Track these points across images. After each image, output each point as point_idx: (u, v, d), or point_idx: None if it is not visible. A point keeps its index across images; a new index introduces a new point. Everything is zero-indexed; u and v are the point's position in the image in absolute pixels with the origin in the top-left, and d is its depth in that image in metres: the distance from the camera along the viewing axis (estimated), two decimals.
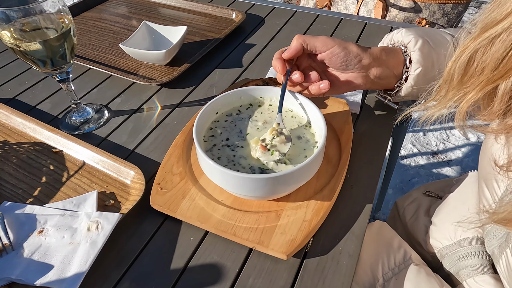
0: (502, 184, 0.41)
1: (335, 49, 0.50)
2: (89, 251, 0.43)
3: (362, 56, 0.51)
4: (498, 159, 0.38)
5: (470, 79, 0.35)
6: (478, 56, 0.34)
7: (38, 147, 0.60)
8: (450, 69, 0.37)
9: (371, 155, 0.57)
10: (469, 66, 0.35)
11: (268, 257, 0.45)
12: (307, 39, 0.51)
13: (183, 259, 0.45)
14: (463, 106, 0.36)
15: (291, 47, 0.51)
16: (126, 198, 0.51)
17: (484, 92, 0.34)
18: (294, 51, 0.50)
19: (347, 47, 0.50)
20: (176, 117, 0.66)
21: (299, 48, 0.50)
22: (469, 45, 0.34)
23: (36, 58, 0.53)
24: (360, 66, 0.51)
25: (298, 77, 0.50)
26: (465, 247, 0.48)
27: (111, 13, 1.01)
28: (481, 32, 0.33)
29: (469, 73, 0.35)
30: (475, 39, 0.34)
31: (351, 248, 0.45)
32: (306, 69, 0.54)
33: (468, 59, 0.35)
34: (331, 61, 0.51)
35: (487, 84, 0.34)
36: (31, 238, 0.46)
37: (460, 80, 0.36)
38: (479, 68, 0.34)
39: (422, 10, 1.01)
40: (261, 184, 0.42)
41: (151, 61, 0.77)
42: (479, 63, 0.34)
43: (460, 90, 0.37)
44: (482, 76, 0.34)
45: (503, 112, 0.34)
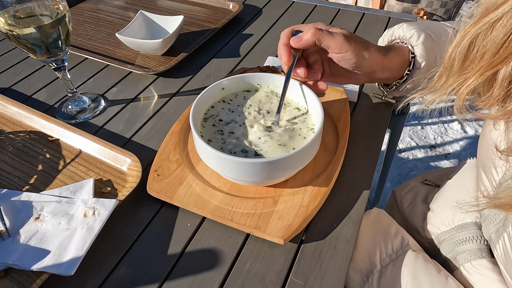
0: (500, 170, 0.41)
1: (348, 54, 0.47)
2: (86, 237, 0.43)
3: (374, 67, 0.50)
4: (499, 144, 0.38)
5: (471, 64, 0.35)
6: (479, 41, 0.34)
7: (34, 136, 0.59)
8: (450, 55, 0.37)
9: (369, 143, 0.57)
10: (469, 51, 0.35)
11: (265, 242, 0.45)
12: (322, 37, 0.47)
13: (180, 245, 0.45)
14: (463, 92, 0.36)
15: (303, 39, 0.47)
16: (123, 185, 0.51)
17: (484, 78, 0.34)
18: (304, 45, 0.48)
19: (361, 55, 0.48)
20: (173, 106, 0.66)
21: (310, 43, 0.47)
22: (470, 30, 0.34)
23: (30, 44, 0.52)
24: (365, 72, 0.50)
25: (302, 72, 0.49)
26: (463, 232, 0.48)
27: (108, 3, 1.00)
28: (482, 16, 0.33)
29: (470, 58, 0.35)
30: (475, 24, 0.34)
31: (348, 233, 0.45)
32: (311, 54, 0.52)
33: (468, 44, 0.35)
34: (339, 62, 0.49)
35: (487, 69, 0.34)
36: (27, 224, 0.45)
37: (460, 66, 0.36)
38: (480, 53, 0.34)
39: (420, 1, 1.00)
40: (258, 168, 0.42)
41: (148, 50, 0.76)
42: (480, 48, 0.34)
43: (460, 76, 0.36)
44: (483, 61, 0.34)
45: (502, 98, 0.34)
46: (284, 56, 0.48)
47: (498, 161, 0.41)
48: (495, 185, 0.41)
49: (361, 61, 0.48)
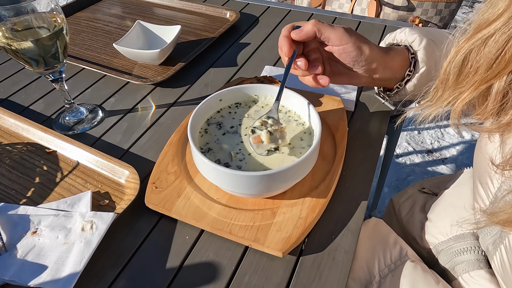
0: (496, 182, 0.41)
1: (348, 47, 0.48)
2: (84, 251, 0.42)
3: (373, 61, 0.50)
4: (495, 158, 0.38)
5: (465, 79, 0.36)
6: (472, 56, 0.34)
7: (31, 148, 0.59)
8: (445, 69, 0.37)
9: (366, 152, 0.57)
10: (463, 66, 0.35)
11: (264, 255, 0.44)
12: (323, 28, 0.47)
13: (178, 258, 0.45)
14: (458, 105, 0.37)
15: (303, 30, 0.47)
16: (121, 198, 0.51)
17: (478, 92, 0.35)
18: (305, 36, 0.47)
19: (361, 48, 0.48)
20: (170, 116, 0.66)
21: (310, 34, 0.47)
22: (463, 46, 0.35)
23: (28, 57, 0.52)
24: (366, 69, 0.50)
25: (302, 64, 0.48)
26: (461, 243, 0.48)
27: (105, 13, 1.00)
28: (474, 32, 0.33)
29: (464, 73, 0.36)
30: (468, 40, 0.34)
31: (347, 244, 0.45)
32: (311, 51, 0.52)
33: (462, 59, 0.35)
34: (340, 56, 0.49)
35: (481, 83, 0.34)
36: (24, 239, 0.45)
37: (455, 80, 0.37)
38: (473, 68, 0.34)
39: (416, 9, 1.01)
40: (256, 181, 0.42)
41: (145, 60, 0.76)
42: (473, 63, 0.34)
43: (455, 90, 0.37)
44: (476, 76, 0.34)
45: (496, 111, 0.34)
46: (284, 46, 0.47)
47: (494, 174, 0.41)
48: (491, 197, 0.42)
49: (361, 55, 0.48)
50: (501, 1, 0.31)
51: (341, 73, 0.52)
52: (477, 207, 0.44)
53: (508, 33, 0.30)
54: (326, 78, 0.50)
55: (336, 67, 0.52)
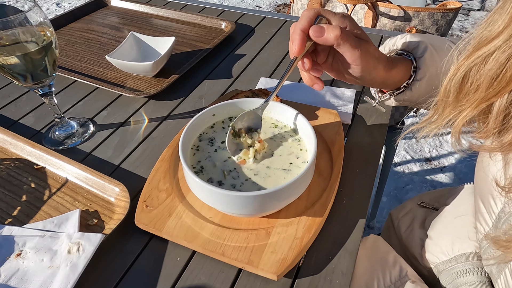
0: (499, 202, 0.40)
1: (356, 68, 0.47)
2: (69, 276, 0.41)
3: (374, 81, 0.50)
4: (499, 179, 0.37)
5: (465, 96, 0.35)
6: (472, 74, 0.33)
7: (19, 164, 0.57)
8: (445, 87, 0.36)
9: (364, 167, 0.56)
10: (463, 84, 0.35)
11: (258, 278, 0.43)
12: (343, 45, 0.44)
13: (169, 280, 0.43)
14: (459, 123, 0.36)
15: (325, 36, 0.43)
16: (110, 217, 0.49)
17: (479, 110, 0.34)
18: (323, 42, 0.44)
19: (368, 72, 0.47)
20: (163, 130, 0.64)
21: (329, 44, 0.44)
22: (463, 63, 0.34)
23: (15, 72, 0.51)
24: (364, 81, 0.51)
25: (307, 64, 0.46)
26: (463, 263, 0.46)
27: (99, 23, 0.99)
28: (474, 50, 0.33)
29: (464, 91, 0.35)
30: (468, 57, 0.33)
31: (344, 266, 0.44)
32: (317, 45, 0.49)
33: (462, 77, 0.34)
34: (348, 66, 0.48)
35: (481, 102, 0.33)
36: (8, 262, 0.43)
37: (455, 98, 0.36)
38: (474, 86, 0.33)
39: (412, 19, 1.01)
40: (249, 201, 0.41)
41: (139, 72, 0.75)
42: (474, 81, 0.33)
43: (455, 107, 0.36)
44: (477, 94, 0.33)
45: (498, 130, 0.33)
46: (296, 43, 0.43)
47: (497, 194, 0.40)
48: (494, 218, 0.40)
49: (365, 76, 0.49)
50: (500, 18, 0.30)
51: (339, 71, 0.51)
52: (480, 227, 0.42)
53: (509, 51, 0.29)
54: (321, 84, 0.48)
55: (338, 65, 0.50)
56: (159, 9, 1.03)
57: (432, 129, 0.39)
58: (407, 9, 0.99)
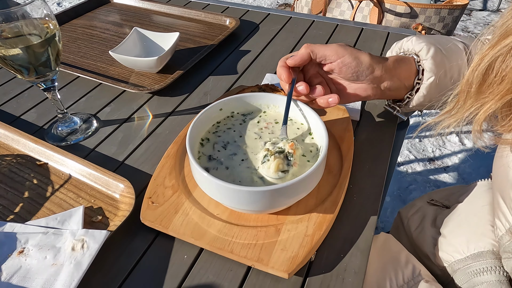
0: None
1: (346, 58, 0.47)
2: (73, 273, 0.39)
3: (375, 68, 0.48)
4: None
5: (489, 88, 0.33)
6: (498, 64, 0.32)
7: (21, 160, 0.56)
8: (468, 77, 0.35)
9: (373, 164, 0.55)
10: (487, 75, 0.33)
11: (268, 276, 0.41)
12: (316, 48, 0.47)
13: (176, 279, 0.42)
14: (481, 116, 0.34)
15: (297, 54, 0.48)
16: (115, 214, 0.48)
17: (503, 102, 0.33)
18: (300, 60, 0.47)
19: (359, 57, 0.47)
20: (168, 126, 0.63)
21: (305, 58, 0.48)
22: (488, 53, 0.32)
23: (18, 65, 0.50)
24: (371, 78, 0.48)
25: (303, 88, 0.47)
26: (480, 262, 0.45)
27: (102, 20, 0.98)
28: (500, 39, 0.31)
29: (488, 82, 0.33)
30: (493, 47, 0.32)
31: (356, 264, 0.42)
32: (313, 77, 0.51)
33: (486, 67, 0.33)
34: (341, 71, 0.48)
35: (507, 93, 0.32)
36: (10, 259, 0.42)
37: (478, 90, 0.34)
38: (499, 77, 0.32)
39: (418, 15, 1.00)
40: (259, 197, 0.40)
41: (142, 68, 0.74)
42: (499, 72, 0.32)
43: (478, 100, 0.35)
44: (502, 86, 0.32)
45: None
46: (283, 74, 0.47)
47: None
48: None
49: (361, 63, 0.47)
50: None
51: (348, 90, 0.51)
52: (499, 224, 0.41)
53: None
54: (335, 96, 0.48)
55: (341, 85, 0.50)
56: (162, 6, 1.02)
57: (451, 123, 0.37)
58: (413, 5, 0.98)
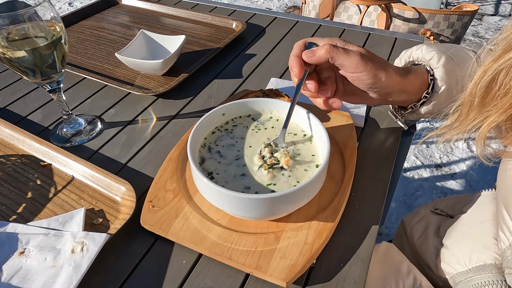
0: None
1: (363, 75, 0.45)
2: (72, 276, 0.39)
3: (390, 90, 0.47)
4: None
5: (492, 101, 0.33)
6: (501, 77, 0.32)
7: (25, 160, 0.57)
8: (471, 91, 0.34)
9: (377, 171, 0.54)
10: (491, 88, 0.33)
11: (267, 284, 0.41)
12: (337, 55, 0.44)
13: (174, 284, 0.42)
14: (484, 129, 0.34)
15: (316, 54, 0.45)
16: (116, 216, 0.48)
17: (507, 115, 0.32)
18: (316, 61, 0.45)
19: (377, 76, 0.45)
20: (171, 129, 0.63)
21: (322, 61, 0.45)
22: (491, 66, 0.32)
23: (24, 67, 0.50)
24: (381, 93, 0.48)
25: (312, 86, 0.46)
26: (482, 275, 0.44)
27: (109, 21, 0.99)
28: (504, 52, 0.31)
29: (491, 95, 0.33)
30: (497, 60, 0.31)
31: (357, 274, 0.42)
32: (324, 70, 0.49)
33: (490, 80, 0.32)
34: (354, 82, 0.47)
35: (510, 107, 0.31)
36: (11, 260, 0.42)
37: (481, 102, 0.34)
38: (502, 90, 0.32)
39: (427, 21, 0.99)
40: (259, 204, 0.39)
41: (148, 70, 0.74)
42: (502, 85, 0.32)
43: (481, 112, 0.34)
44: (506, 99, 0.32)
45: None
46: (295, 67, 0.45)
47: None
48: None
49: (377, 82, 0.46)
50: None
51: (354, 93, 0.50)
52: (502, 237, 0.40)
53: None
54: (339, 101, 0.47)
55: (349, 86, 0.49)
56: (169, 8, 1.02)
57: (454, 135, 0.37)
58: (422, 11, 0.97)
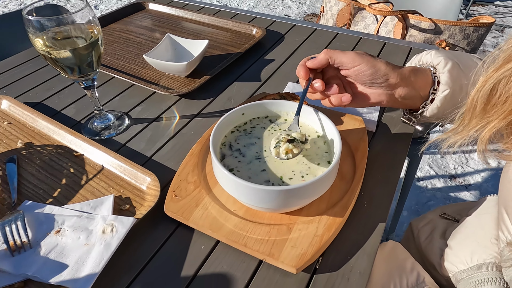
0: None
1: (362, 66, 0.51)
2: (103, 253, 0.44)
3: (390, 76, 0.51)
4: None
5: (493, 108, 0.36)
6: (501, 86, 0.34)
7: (60, 150, 0.62)
8: (473, 97, 0.37)
9: (386, 174, 0.57)
10: (491, 95, 0.35)
11: (278, 270, 0.44)
12: (334, 55, 0.52)
13: (193, 267, 0.45)
14: (485, 134, 0.36)
15: (317, 58, 0.53)
16: (141, 204, 0.52)
17: (507, 121, 0.35)
18: (318, 64, 0.53)
19: (375, 65, 0.51)
20: (193, 127, 0.68)
21: (323, 62, 0.52)
22: (492, 75, 0.35)
23: (65, 65, 0.55)
24: (386, 85, 0.52)
25: (319, 85, 0.52)
26: (482, 273, 0.47)
27: (137, 25, 1.05)
28: (504, 63, 0.33)
29: (492, 102, 0.36)
30: (498, 70, 0.34)
31: (362, 266, 0.45)
32: (331, 79, 0.56)
33: (491, 88, 0.35)
34: (357, 77, 0.52)
35: (510, 113, 0.34)
36: (48, 237, 0.47)
37: (482, 109, 0.37)
38: (502, 97, 0.34)
39: (443, 32, 1.01)
40: (273, 196, 0.43)
41: (172, 72, 0.79)
42: (502, 93, 0.34)
43: (482, 118, 0.37)
44: (506, 106, 0.34)
45: None
46: (301, 71, 0.53)
47: None
48: None
49: (378, 72, 0.51)
50: None
51: (363, 95, 0.54)
52: (502, 236, 0.43)
53: None
54: (348, 95, 0.52)
55: (356, 89, 0.54)
56: (193, 14, 1.07)
57: (457, 140, 0.39)
58: (437, 22, 0.99)
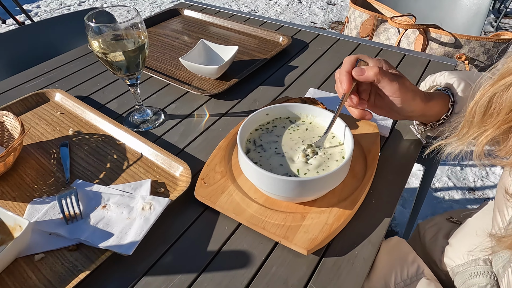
0: (510, 210, 0.45)
1: (396, 100, 0.54)
2: (143, 226, 0.51)
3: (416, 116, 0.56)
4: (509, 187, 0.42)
5: (489, 118, 0.40)
6: (496, 99, 0.39)
7: (105, 139, 0.71)
8: (471, 109, 0.42)
9: (395, 176, 0.62)
10: (488, 107, 0.40)
11: (291, 251, 0.51)
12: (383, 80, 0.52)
13: (217, 244, 0.52)
14: (482, 141, 0.41)
15: (365, 74, 0.52)
16: (174, 188, 0.60)
17: (501, 130, 0.39)
18: (364, 80, 0.53)
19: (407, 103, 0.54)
20: (221, 124, 0.75)
21: (370, 81, 0.53)
22: (489, 90, 0.39)
23: (115, 65, 0.64)
24: (405, 115, 0.57)
25: (355, 100, 0.54)
26: (475, 267, 0.51)
27: (172, 30, 1.14)
28: (499, 79, 0.38)
29: (488, 113, 0.40)
30: (493, 85, 0.39)
31: (366, 254, 0.50)
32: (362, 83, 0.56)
33: (487, 101, 0.40)
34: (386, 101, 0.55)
35: (503, 123, 0.39)
36: (96, 211, 0.55)
37: (480, 119, 0.41)
38: (496, 109, 0.39)
39: (463, 46, 1.04)
40: (291, 186, 0.49)
41: (204, 74, 0.87)
42: (496, 106, 0.39)
43: (480, 128, 0.42)
44: (499, 117, 0.39)
45: None
46: (344, 83, 0.53)
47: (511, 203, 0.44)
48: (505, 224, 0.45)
49: (405, 107, 0.55)
50: None
51: (382, 108, 0.59)
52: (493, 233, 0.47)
53: None
54: (371, 114, 0.56)
55: (379, 101, 0.58)
56: (225, 21, 1.16)
57: (457, 146, 0.44)
58: (458, 36, 1.03)
